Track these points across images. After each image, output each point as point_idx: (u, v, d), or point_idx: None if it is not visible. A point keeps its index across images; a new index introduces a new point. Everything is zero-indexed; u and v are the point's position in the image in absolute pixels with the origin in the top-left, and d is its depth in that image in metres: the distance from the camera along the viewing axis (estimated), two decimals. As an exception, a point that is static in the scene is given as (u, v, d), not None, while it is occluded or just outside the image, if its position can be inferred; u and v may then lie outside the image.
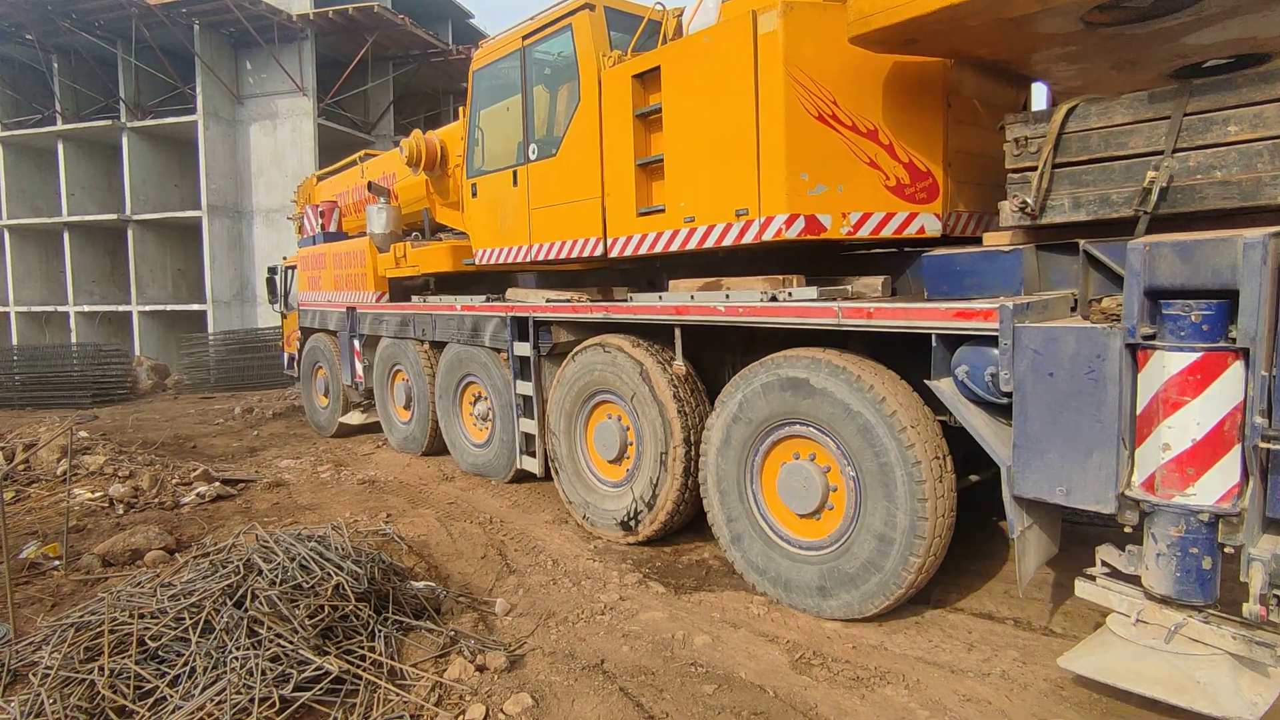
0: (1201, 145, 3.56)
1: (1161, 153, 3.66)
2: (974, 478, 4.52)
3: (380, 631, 3.94)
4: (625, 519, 5.47)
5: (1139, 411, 3.27)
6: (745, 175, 4.55)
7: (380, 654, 3.77)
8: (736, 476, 4.70)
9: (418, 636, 4.05)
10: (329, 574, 4.13)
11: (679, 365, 5.23)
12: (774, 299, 4.55)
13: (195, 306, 21.39)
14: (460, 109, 7.88)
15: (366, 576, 4.20)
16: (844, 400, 4.08)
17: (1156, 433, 3.20)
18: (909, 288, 4.88)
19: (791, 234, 4.40)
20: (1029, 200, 4.06)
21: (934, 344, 3.84)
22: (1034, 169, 4.05)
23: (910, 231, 4.67)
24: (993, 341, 3.61)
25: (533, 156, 6.14)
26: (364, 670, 3.63)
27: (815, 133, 4.41)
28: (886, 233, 4.62)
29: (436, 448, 8.35)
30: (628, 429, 5.58)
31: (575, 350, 5.86)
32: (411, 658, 3.88)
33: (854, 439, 4.06)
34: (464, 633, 4.12)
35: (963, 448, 4.11)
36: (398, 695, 3.53)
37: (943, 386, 3.86)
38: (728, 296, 4.81)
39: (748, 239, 4.60)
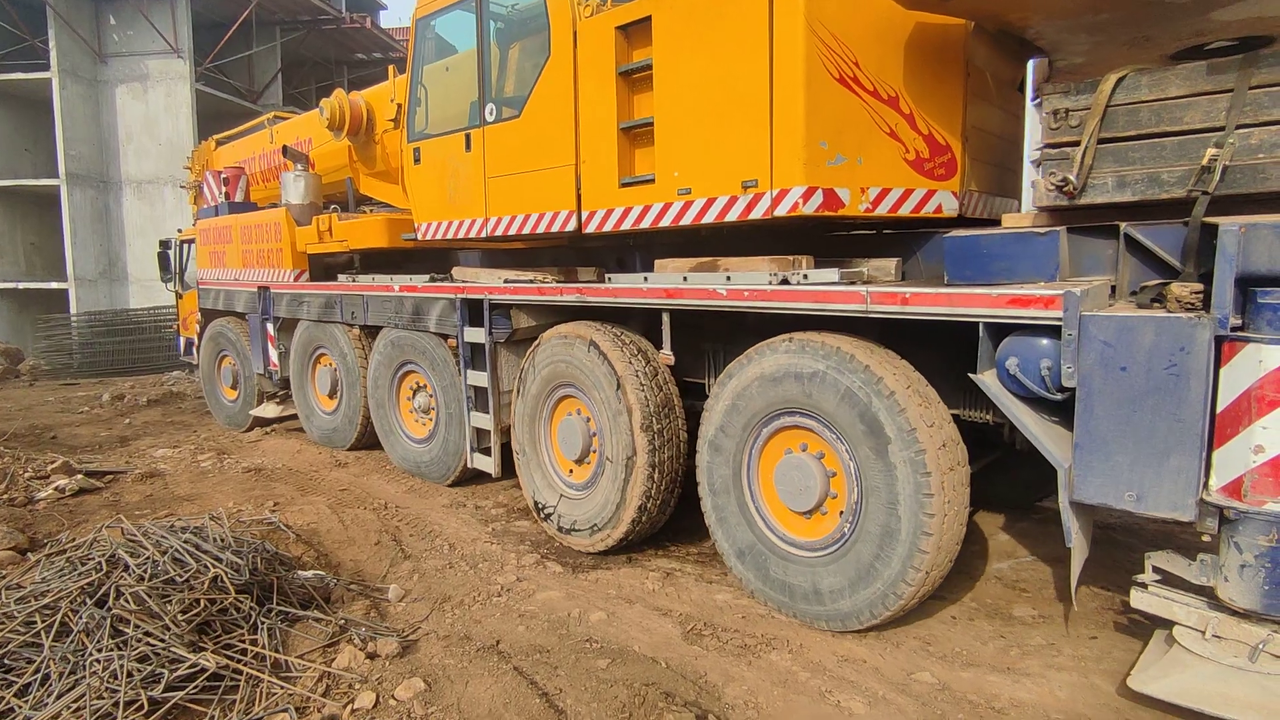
0: (1268, 121, 3.31)
1: (1221, 129, 3.41)
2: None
3: (263, 624, 3.79)
4: (593, 525, 4.94)
5: (1220, 410, 3.00)
6: (755, 142, 4.05)
7: (264, 647, 3.64)
8: (731, 473, 4.29)
9: (305, 627, 3.92)
10: (206, 566, 3.92)
11: (666, 355, 4.72)
12: (785, 282, 4.10)
13: (54, 285, 19.29)
14: (390, 68, 7.08)
15: (248, 567, 4.04)
16: (850, 389, 3.74)
17: (1247, 433, 2.92)
18: (919, 271, 4.53)
19: (809, 209, 3.94)
20: (1070, 178, 3.75)
21: (981, 334, 3.48)
22: (1075, 144, 3.74)
23: (928, 210, 4.30)
24: (1048, 331, 3.28)
25: (490, 118, 5.44)
26: (244, 665, 3.48)
27: (836, 97, 3.96)
28: (905, 211, 4.23)
29: (367, 442, 7.50)
30: (590, 424, 5.06)
31: (540, 338, 5.26)
32: (298, 649, 3.75)
33: (855, 430, 3.73)
34: (354, 621, 4.03)
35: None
36: (282, 688, 3.41)
37: (987, 380, 3.51)
38: (729, 279, 4.32)
39: (756, 214, 4.11)
